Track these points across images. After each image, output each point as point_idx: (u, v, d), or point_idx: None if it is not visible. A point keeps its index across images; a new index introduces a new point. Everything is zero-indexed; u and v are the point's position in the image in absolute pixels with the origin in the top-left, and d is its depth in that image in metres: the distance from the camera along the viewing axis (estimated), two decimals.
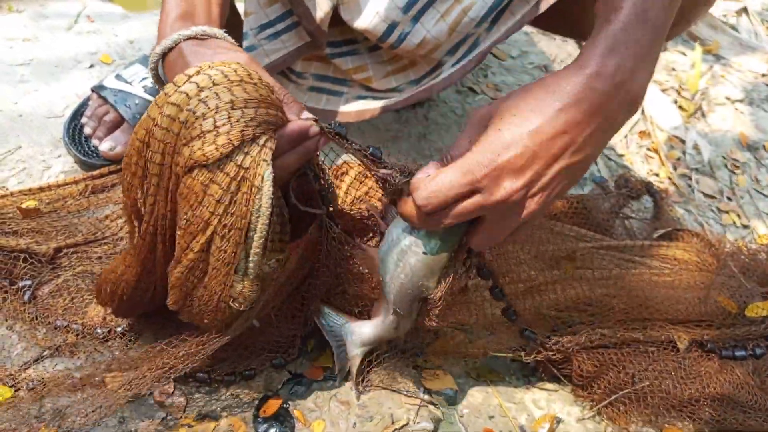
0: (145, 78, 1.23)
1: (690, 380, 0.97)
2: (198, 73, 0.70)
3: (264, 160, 0.69)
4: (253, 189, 0.69)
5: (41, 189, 1.11)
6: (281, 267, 0.80)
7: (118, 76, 1.24)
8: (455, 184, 0.66)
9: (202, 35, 0.81)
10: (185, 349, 0.81)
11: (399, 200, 0.74)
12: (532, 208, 0.68)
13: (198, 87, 0.69)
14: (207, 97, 0.68)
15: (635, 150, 1.54)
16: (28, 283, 0.97)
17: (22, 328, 0.94)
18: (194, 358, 0.80)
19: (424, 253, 0.76)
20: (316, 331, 0.94)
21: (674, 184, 1.47)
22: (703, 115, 1.71)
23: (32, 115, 1.28)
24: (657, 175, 1.50)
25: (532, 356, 0.95)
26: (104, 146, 1.18)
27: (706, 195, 1.49)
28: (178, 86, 0.69)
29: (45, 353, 0.91)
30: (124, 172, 0.75)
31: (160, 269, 0.79)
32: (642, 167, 1.50)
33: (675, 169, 1.52)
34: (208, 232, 0.70)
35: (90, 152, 1.19)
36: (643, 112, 1.64)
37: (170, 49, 0.81)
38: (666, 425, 0.97)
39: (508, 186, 0.66)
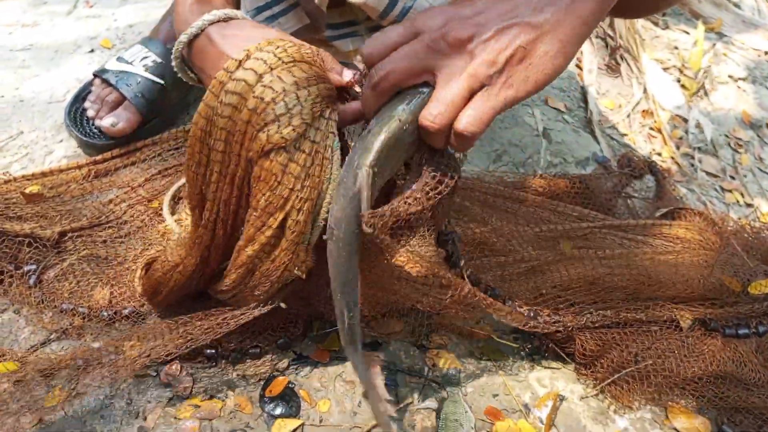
0: (146, 57, 1.23)
1: (693, 358, 0.98)
2: (248, 57, 0.71)
3: (331, 132, 0.72)
4: (325, 161, 0.72)
5: (44, 174, 1.11)
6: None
7: (119, 59, 1.23)
8: (397, 28, 0.66)
9: (225, 18, 0.80)
10: (211, 320, 0.83)
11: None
12: (483, 56, 0.63)
13: (256, 73, 0.69)
14: (271, 81, 0.69)
15: (638, 129, 1.54)
16: (33, 267, 0.97)
17: (29, 312, 0.95)
18: (219, 330, 0.83)
19: (376, 132, 0.68)
20: (321, 313, 0.94)
21: (677, 163, 1.47)
22: (706, 93, 1.70)
23: (33, 101, 1.28)
24: (659, 154, 1.49)
25: (527, 325, 0.94)
26: (106, 122, 1.17)
27: (708, 174, 1.49)
28: (232, 72, 0.70)
29: (52, 336, 0.92)
30: (187, 163, 0.76)
31: (216, 255, 0.81)
32: (645, 146, 1.50)
33: (678, 148, 1.52)
34: (287, 208, 0.72)
35: (92, 133, 1.19)
36: (645, 91, 1.63)
37: (195, 36, 0.81)
38: (669, 403, 0.98)
39: (449, 21, 0.64)
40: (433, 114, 0.65)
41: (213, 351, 0.89)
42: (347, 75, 0.77)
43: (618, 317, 0.98)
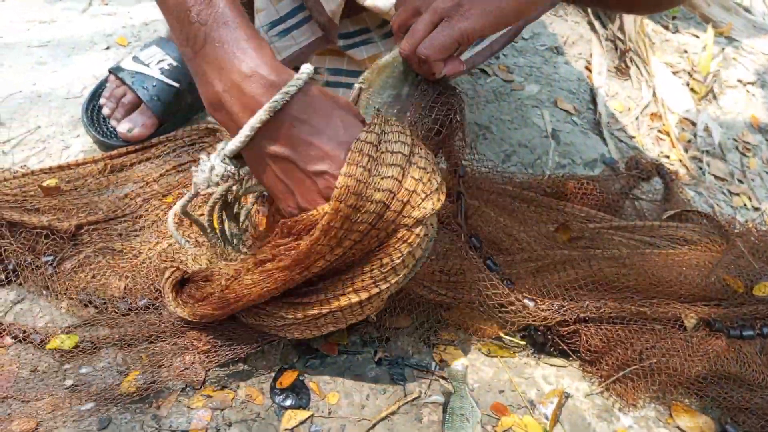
0: (162, 60, 1.25)
1: (697, 358, 0.99)
2: (383, 131, 0.73)
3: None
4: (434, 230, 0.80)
5: (61, 168, 1.13)
6: None
7: (135, 58, 1.25)
8: None
9: (304, 86, 0.70)
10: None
11: None
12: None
13: (405, 145, 0.74)
14: (418, 155, 0.75)
15: (646, 132, 1.55)
16: (51, 258, 1.00)
17: (46, 302, 0.97)
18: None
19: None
20: None
21: (685, 167, 1.48)
22: (715, 97, 1.71)
23: (51, 96, 1.30)
24: (668, 157, 1.50)
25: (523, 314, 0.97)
26: (122, 127, 1.20)
27: (716, 177, 1.50)
28: (377, 145, 0.72)
29: (68, 326, 0.94)
30: (321, 236, 0.73)
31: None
32: (653, 149, 1.51)
33: (686, 151, 1.53)
34: (403, 272, 0.78)
35: (108, 133, 1.22)
36: (654, 94, 1.64)
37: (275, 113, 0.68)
38: (674, 402, 0.99)
39: None
40: (404, 43, 0.77)
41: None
42: None
43: (622, 309, 0.99)
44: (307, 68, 0.70)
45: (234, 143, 0.70)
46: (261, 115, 0.68)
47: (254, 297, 0.81)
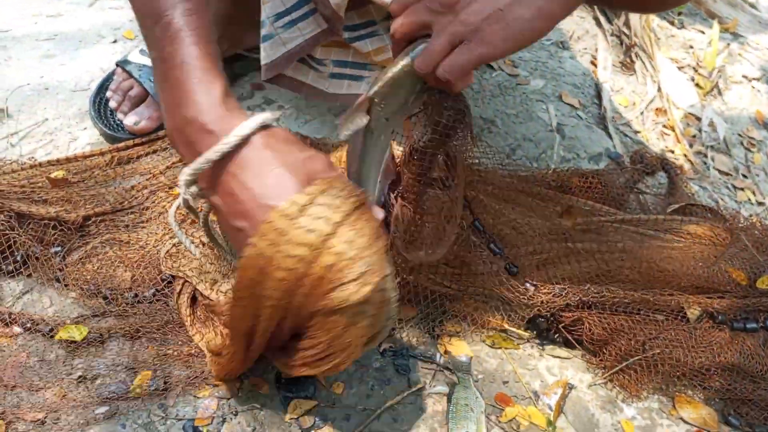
0: None
1: (700, 350, 0.99)
2: (311, 203, 0.65)
3: (391, 275, 0.71)
4: (389, 308, 0.73)
5: (69, 160, 1.14)
6: None
7: (142, 51, 1.26)
8: None
9: (263, 127, 0.69)
10: None
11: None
12: (462, 17, 0.71)
13: (329, 222, 0.65)
14: (346, 235, 0.66)
15: (651, 127, 1.55)
16: (58, 249, 1.00)
17: (54, 292, 0.98)
18: None
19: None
20: None
21: (689, 161, 1.49)
22: (720, 93, 1.71)
23: (58, 88, 1.31)
24: (672, 152, 1.51)
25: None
26: (129, 120, 1.21)
27: (721, 172, 1.50)
28: (295, 219, 0.64)
29: (77, 317, 0.95)
30: (233, 306, 0.72)
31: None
32: (657, 144, 1.51)
33: (690, 146, 1.53)
34: (348, 351, 0.72)
35: (115, 126, 1.22)
36: (659, 89, 1.64)
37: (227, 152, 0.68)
38: (677, 393, 0.99)
39: None
40: (419, 61, 0.75)
41: None
42: (378, 214, 0.74)
43: (625, 295, 1.00)
44: (256, 120, 0.68)
45: (181, 181, 0.72)
46: (195, 165, 0.68)
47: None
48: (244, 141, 0.67)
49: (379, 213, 0.75)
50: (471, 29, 0.71)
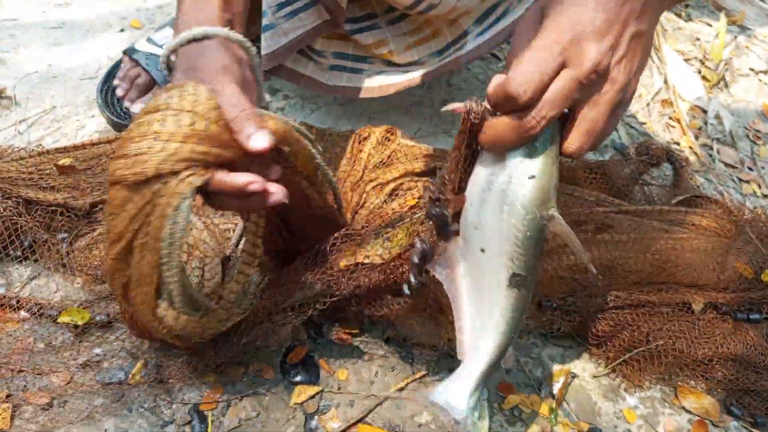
0: None
1: (704, 340, 1.00)
2: (167, 90, 0.69)
3: (179, 193, 0.66)
4: (164, 217, 0.67)
5: (76, 147, 1.15)
6: (251, 294, 0.81)
7: (149, 40, 1.27)
8: (544, 58, 0.61)
9: (201, 36, 0.77)
10: None
11: (482, 130, 0.65)
12: (621, 80, 0.64)
13: (146, 110, 0.68)
14: (153, 119, 0.67)
15: (657, 119, 1.55)
16: (66, 235, 1.01)
17: (61, 278, 0.98)
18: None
19: (531, 176, 0.66)
20: None
21: (695, 153, 1.48)
22: (726, 85, 1.71)
23: (66, 77, 1.32)
24: (678, 144, 1.50)
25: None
26: (136, 108, 1.21)
27: (726, 164, 1.50)
28: (155, 98, 0.69)
29: (83, 301, 0.96)
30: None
31: None
32: (663, 136, 1.51)
33: (696, 138, 1.53)
34: (123, 243, 0.69)
35: (122, 114, 1.23)
36: (666, 81, 1.64)
37: (173, 51, 0.79)
38: (679, 384, 1.00)
39: (594, 49, 0.61)
40: (578, 143, 0.66)
41: None
42: (257, 142, 0.69)
43: (630, 299, 1.00)
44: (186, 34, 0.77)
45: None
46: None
47: None
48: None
49: (256, 141, 0.69)
50: (630, 91, 0.66)
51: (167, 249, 0.68)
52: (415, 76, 1.19)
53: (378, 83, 1.21)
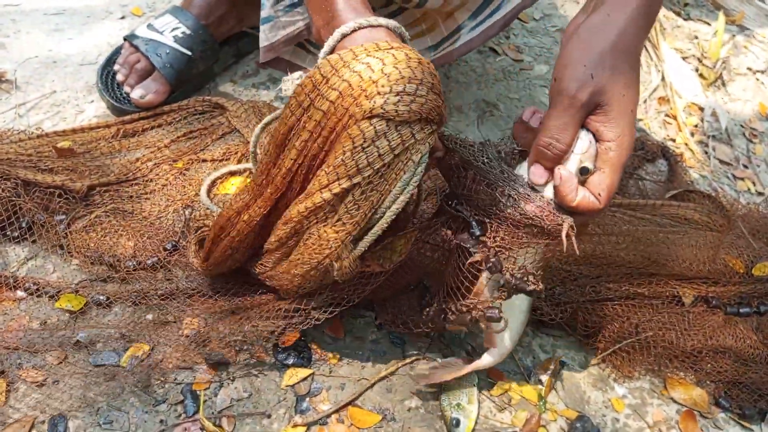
0: (176, 28, 1.27)
1: (693, 332, 1.00)
2: (401, 48, 0.72)
3: (429, 143, 0.73)
4: (402, 166, 0.72)
5: (75, 131, 1.16)
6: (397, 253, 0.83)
7: (149, 26, 1.27)
8: (617, 181, 0.75)
9: (378, 24, 0.79)
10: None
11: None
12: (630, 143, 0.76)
13: (407, 56, 0.71)
14: (416, 67, 0.71)
15: (653, 116, 1.56)
16: (63, 217, 1.02)
17: (58, 259, 0.99)
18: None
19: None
20: None
21: (690, 150, 1.49)
22: (723, 84, 1.72)
23: (66, 62, 1.33)
24: (674, 140, 1.51)
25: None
26: (135, 94, 1.22)
27: (721, 162, 1.50)
28: (381, 48, 0.72)
29: (79, 281, 0.97)
30: (288, 105, 0.76)
31: (279, 214, 0.81)
32: (659, 132, 1.52)
33: (692, 135, 1.54)
34: (355, 180, 0.72)
35: (122, 98, 1.24)
36: (663, 79, 1.65)
37: (345, 35, 0.79)
38: (668, 375, 1.00)
39: (631, 140, 0.76)
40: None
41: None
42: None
43: (620, 290, 1.01)
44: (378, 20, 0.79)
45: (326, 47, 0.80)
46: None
47: (249, 220, 0.82)
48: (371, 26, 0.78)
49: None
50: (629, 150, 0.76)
51: (396, 195, 0.74)
52: None
53: None
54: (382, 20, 0.79)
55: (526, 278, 0.79)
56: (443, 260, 0.89)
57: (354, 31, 0.77)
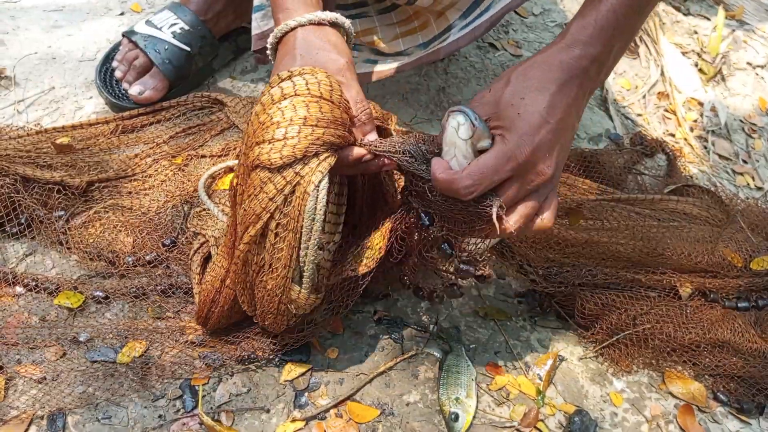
0: (174, 24, 1.27)
1: (691, 326, 1.00)
2: (289, 77, 0.75)
3: (320, 171, 0.73)
4: (305, 194, 0.72)
5: (74, 127, 1.16)
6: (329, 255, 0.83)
7: (148, 22, 1.27)
8: (497, 171, 0.71)
9: (320, 21, 0.82)
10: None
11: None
12: (551, 174, 0.73)
13: (282, 93, 0.74)
14: (285, 107, 0.73)
15: (653, 110, 1.56)
16: (62, 213, 1.02)
17: (57, 254, 0.99)
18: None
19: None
20: None
21: (689, 145, 1.49)
22: (723, 79, 1.71)
23: (65, 58, 1.33)
24: (673, 135, 1.51)
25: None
26: (134, 90, 1.22)
27: (721, 157, 1.50)
28: (272, 86, 0.75)
29: (78, 277, 0.97)
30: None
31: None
32: (658, 127, 1.52)
33: (691, 130, 1.54)
34: (258, 226, 0.73)
35: (120, 95, 1.24)
36: (662, 74, 1.65)
37: (286, 33, 0.83)
38: (666, 369, 1.01)
39: (545, 166, 0.72)
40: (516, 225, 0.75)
41: None
42: (369, 138, 0.81)
43: (617, 275, 1.01)
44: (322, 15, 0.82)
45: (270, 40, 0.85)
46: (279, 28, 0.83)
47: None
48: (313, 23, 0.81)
49: (371, 137, 0.81)
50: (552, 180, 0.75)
51: (309, 226, 0.73)
52: (391, 66, 1.19)
53: (364, 70, 1.21)
54: (329, 15, 0.82)
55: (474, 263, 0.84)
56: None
57: (293, 29, 0.82)
